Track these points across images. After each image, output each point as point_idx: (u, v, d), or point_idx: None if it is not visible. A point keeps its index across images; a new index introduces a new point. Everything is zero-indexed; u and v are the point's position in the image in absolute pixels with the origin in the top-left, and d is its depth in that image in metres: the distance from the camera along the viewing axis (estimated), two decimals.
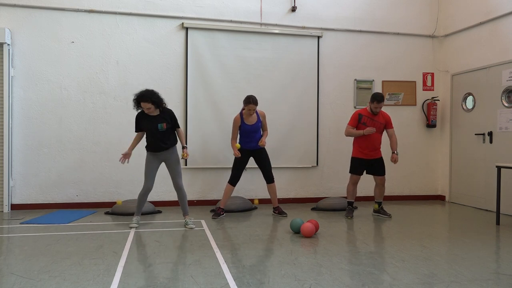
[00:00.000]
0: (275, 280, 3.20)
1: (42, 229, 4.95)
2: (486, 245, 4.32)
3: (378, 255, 3.92)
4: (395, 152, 5.77)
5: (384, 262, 3.71)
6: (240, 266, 3.54)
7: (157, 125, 4.99)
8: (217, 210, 5.84)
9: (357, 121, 5.77)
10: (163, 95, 6.53)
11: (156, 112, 5.03)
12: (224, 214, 5.86)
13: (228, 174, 6.02)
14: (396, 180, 7.42)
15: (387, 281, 3.20)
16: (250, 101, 5.60)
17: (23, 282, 3.14)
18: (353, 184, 5.88)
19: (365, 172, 5.90)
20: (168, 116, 5.07)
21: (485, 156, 6.60)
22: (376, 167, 5.83)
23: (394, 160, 5.75)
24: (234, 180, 5.83)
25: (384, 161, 5.88)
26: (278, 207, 5.98)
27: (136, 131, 5.22)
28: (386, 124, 5.83)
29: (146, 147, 5.16)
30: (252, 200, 6.55)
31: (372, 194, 6.31)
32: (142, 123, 5.09)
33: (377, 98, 5.64)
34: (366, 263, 3.67)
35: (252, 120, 5.77)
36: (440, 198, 7.64)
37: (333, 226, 5.25)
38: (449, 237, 4.75)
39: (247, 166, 6.78)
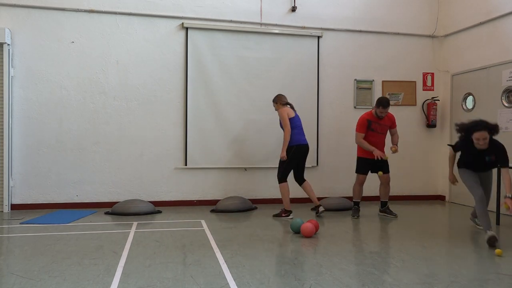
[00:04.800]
0: (275, 280, 3.20)
1: (42, 229, 4.95)
2: (486, 245, 4.31)
3: (378, 255, 3.92)
4: (396, 144, 5.86)
5: (384, 262, 3.71)
6: (240, 266, 3.54)
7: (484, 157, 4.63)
8: (282, 212, 5.80)
9: (366, 127, 5.76)
10: (163, 95, 6.61)
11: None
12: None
13: (228, 174, 6.04)
14: (396, 180, 7.38)
15: (387, 281, 3.20)
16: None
17: (23, 282, 3.14)
18: (360, 184, 5.89)
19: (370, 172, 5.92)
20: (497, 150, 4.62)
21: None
22: (380, 166, 5.85)
23: (395, 149, 5.76)
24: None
25: (388, 162, 5.90)
26: (319, 205, 5.91)
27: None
28: (391, 125, 5.90)
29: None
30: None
31: (374, 194, 6.33)
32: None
33: (383, 104, 5.65)
34: (366, 263, 3.67)
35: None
36: (440, 198, 7.64)
37: (333, 226, 5.25)
38: (449, 237, 4.75)
39: (247, 166, 6.82)
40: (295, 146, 5.70)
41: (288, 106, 5.87)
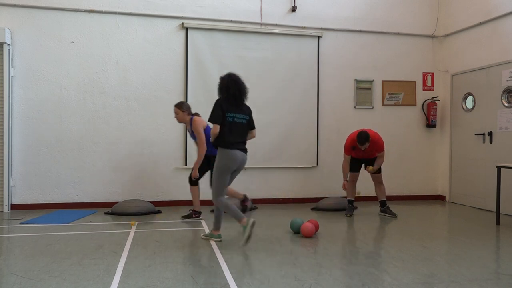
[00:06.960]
0: (275, 280, 3.20)
1: (42, 229, 4.95)
2: (486, 245, 4.32)
3: (378, 255, 3.92)
4: (374, 166, 5.76)
5: (384, 262, 3.71)
6: (240, 266, 3.54)
7: None
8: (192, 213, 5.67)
9: (351, 150, 5.75)
10: (163, 95, 6.61)
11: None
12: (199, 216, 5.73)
13: None
14: (396, 180, 7.41)
15: (387, 281, 3.20)
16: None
17: (23, 282, 3.14)
18: (352, 182, 5.91)
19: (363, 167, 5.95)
20: None
21: (485, 156, 6.60)
22: (371, 163, 5.85)
23: (371, 169, 5.72)
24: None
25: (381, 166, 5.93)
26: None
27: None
28: (377, 150, 5.73)
29: None
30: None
31: (374, 194, 6.33)
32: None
33: (360, 141, 5.45)
34: (366, 263, 3.67)
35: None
36: (440, 198, 7.64)
37: (333, 226, 5.25)
38: (449, 237, 4.75)
39: (247, 166, 6.81)
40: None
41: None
